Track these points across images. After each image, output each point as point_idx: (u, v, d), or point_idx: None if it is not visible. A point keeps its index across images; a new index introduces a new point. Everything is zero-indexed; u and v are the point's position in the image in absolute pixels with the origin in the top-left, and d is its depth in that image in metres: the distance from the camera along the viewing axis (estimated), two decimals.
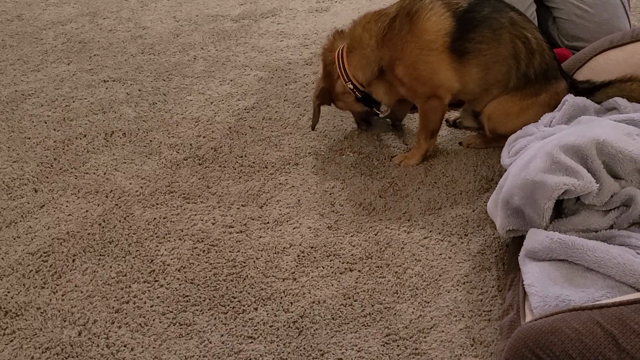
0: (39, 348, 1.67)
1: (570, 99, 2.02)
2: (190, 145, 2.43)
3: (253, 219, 2.07)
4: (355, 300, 1.77)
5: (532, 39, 2.13)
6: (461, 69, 2.15)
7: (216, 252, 1.95)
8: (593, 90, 2.10)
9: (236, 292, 1.81)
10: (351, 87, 2.28)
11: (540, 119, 2.03)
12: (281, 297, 1.79)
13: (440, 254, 1.90)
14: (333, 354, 1.62)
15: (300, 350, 1.64)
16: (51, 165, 2.34)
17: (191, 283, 1.84)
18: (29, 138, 2.50)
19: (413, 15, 2.15)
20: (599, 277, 1.47)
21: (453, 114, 2.50)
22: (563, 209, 1.69)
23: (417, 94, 2.23)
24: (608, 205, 1.64)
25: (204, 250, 1.95)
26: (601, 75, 2.13)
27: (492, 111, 2.20)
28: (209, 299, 1.79)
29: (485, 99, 2.22)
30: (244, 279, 1.85)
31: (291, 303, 1.77)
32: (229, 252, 1.94)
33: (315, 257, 1.91)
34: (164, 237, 2.01)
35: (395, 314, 1.72)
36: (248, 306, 1.76)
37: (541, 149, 1.69)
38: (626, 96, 2.03)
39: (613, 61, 2.16)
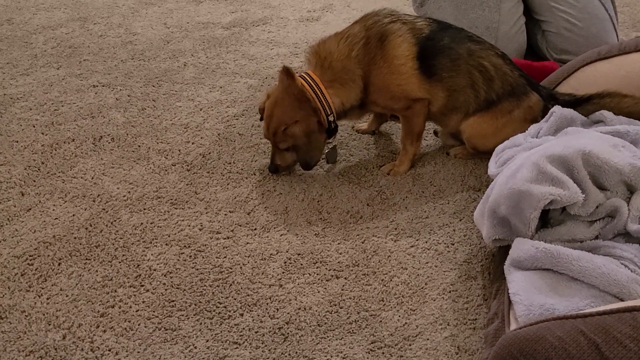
0: (23, 351, 1.66)
1: (557, 110, 2.03)
2: (179, 151, 2.43)
3: (240, 225, 2.07)
4: (341, 307, 1.77)
5: (490, 67, 2.17)
6: (430, 89, 2.19)
7: (203, 257, 1.94)
8: (573, 105, 2.10)
9: (222, 297, 1.81)
10: (332, 119, 2.21)
11: (528, 129, 2.04)
12: (267, 304, 1.79)
13: (427, 263, 1.90)
14: None
15: (286, 356, 1.64)
16: (39, 169, 2.33)
17: (177, 288, 1.84)
18: (17, 141, 2.49)
19: (384, 40, 2.15)
20: (583, 287, 1.48)
21: None
22: (549, 219, 1.70)
23: (395, 109, 2.25)
24: (593, 215, 1.65)
25: (190, 256, 1.95)
26: (588, 87, 2.15)
27: (469, 133, 2.23)
28: (195, 304, 1.79)
29: (446, 122, 2.28)
30: (230, 285, 1.85)
31: (277, 309, 1.77)
32: (216, 257, 1.94)
33: (301, 264, 1.91)
34: (151, 242, 2.00)
35: (380, 321, 1.72)
36: (234, 312, 1.76)
37: (528, 159, 1.70)
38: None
39: (600, 73, 2.18)
